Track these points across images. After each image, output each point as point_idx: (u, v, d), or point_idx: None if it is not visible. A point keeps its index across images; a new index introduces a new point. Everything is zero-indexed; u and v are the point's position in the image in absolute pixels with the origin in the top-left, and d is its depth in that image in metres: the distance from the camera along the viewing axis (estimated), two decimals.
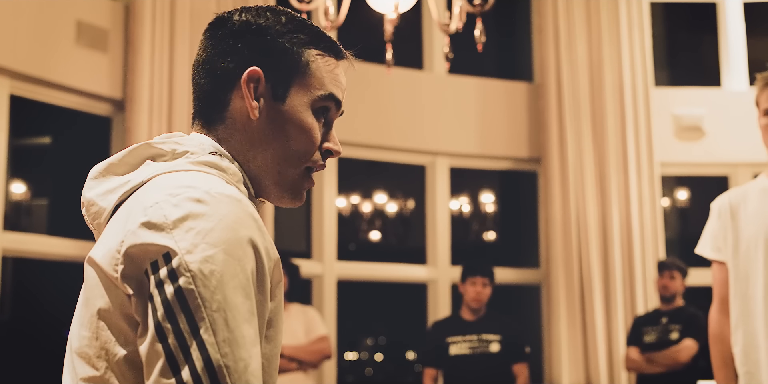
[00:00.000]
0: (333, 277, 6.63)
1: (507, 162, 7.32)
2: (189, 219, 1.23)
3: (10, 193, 5.62)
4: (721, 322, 3.22)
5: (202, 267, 1.21)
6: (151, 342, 1.21)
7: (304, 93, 1.43)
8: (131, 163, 1.40)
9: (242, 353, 1.20)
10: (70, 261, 5.49)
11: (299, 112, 1.43)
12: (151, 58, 5.64)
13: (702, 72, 7.86)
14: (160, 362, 1.19)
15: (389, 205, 7.62)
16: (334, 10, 4.19)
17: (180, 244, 1.22)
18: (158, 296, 1.21)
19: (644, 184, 6.99)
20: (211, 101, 1.45)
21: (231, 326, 1.20)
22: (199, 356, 1.18)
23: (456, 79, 7.13)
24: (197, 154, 1.39)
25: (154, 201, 1.27)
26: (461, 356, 5.57)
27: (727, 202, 3.24)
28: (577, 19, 7.14)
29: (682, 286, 5.87)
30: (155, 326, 1.21)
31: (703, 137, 7.30)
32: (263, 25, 1.44)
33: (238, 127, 1.43)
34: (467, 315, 5.69)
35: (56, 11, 5.41)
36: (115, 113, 5.82)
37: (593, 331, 6.72)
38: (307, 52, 1.44)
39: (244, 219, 1.26)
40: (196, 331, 1.19)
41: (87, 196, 1.42)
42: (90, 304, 1.32)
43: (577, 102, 7.05)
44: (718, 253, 3.23)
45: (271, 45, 1.43)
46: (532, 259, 7.25)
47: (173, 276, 1.21)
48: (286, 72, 1.43)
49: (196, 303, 1.19)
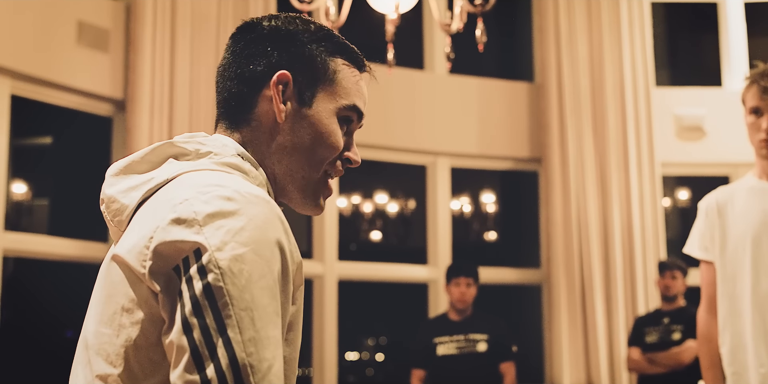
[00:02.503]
0: (334, 277, 6.63)
1: (508, 162, 7.32)
2: (219, 217, 1.24)
3: (11, 193, 5.62)
4: (709, 322, 3.21)
5: (231, 265, 1.21)
6: (178, 337, 1.21)
7: (330, 100, 1.46)
8: (153, 161, 1.41)
9: (267, 354, 1.20)
10: (71, 261, 5.49)
11: (325, 118, 1.45)
12: (152, 58, 5.64)
13: (703, 72, 7.86)
14: (185, 357, 1.20)
15: (390, 205, 7.62)
16: (335, 10, 4.19)
17: (210, 240, 1.23)
18: (187, 292, 1.22)
19: (645, 184, 6.98)
20: (237, 103, 1.46)
21: (257, 326, 1.20)
22: (224, 353, 1.18)
23: (457, 79, 7.13)
24: (221, 155, 1.40)
25: (184, 198, 1.28)
26: (449, 356, 5.59)
27: (714, 202, 3.24)
28: (578, 18, 7.14)
29: (684, 286, 5.87)
30: (182, 321, 1.21)
31: (704, 137, 7.30)
32: (293, 31, 1.47)
33: (264, 129, 1.44)
34: (453, 315, 5.72)
35: (57, 11, 5.41)
36: (116, 113, 5.82)
37: (594, 332, 6.72)
38: (334, 61, 1.47)
39: (273, 220, 1.28)
40: (222, 329, 1.19)
41: (107, 193, 1.42)
42: (112, 301, 1.32)
43: (578, 102, 7.05)
44: (706, 253, 3.22)
45: (301, 51, 1.46)
46: (533, 259, 7.25)
47: (203, 272, 1.22)
48: (314, 78, 1.45)
49: (224, 300, 1.20)
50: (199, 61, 5.74)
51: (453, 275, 5.71)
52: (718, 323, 3.14)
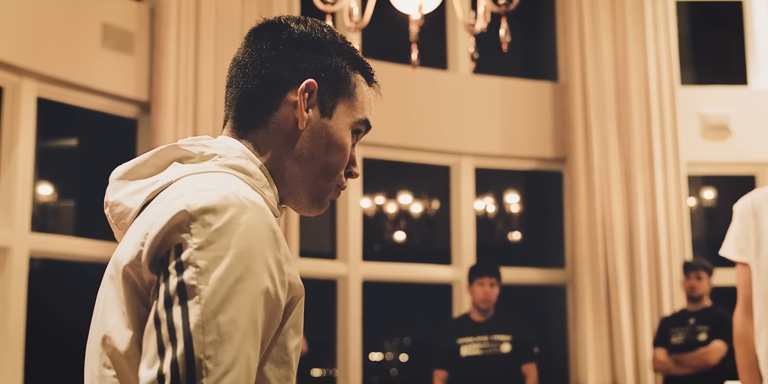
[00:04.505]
0: (358, 278, 6.63)
1: (532, 162, 7.30)
2: (210, 214, 1.24)
3: (37, 194, 5.66)
4: (745, 324, 3.20)
5: (209, 265, 1.21)
6: (148, 329, 1.22)
7: (348, 113, 1.47)
8: (157, 164, 1.41)
9: (226, 358, 1.19)
10: (97, 262, 5.52)
11: (342, 130, 1.46)
12: (177, 60, 5.66)
13: (728, 70, 7.80)
14: (152, 351, 1.20)
15: (414, 206, 7.61)
16: (358, 12, 4.19)
17: (194, 238, 1.23)
18: (162, 285, 1.22)
19: (670, 184, 6.95)
20: (255, 105, 1.46)
21: (222, 330, 1.19)
22: (183, 351, 1.18)
23: (481, 79, 7.12)
24: (225, 157, 1.40)
25: (179, 194, 1.28)
26: (472, 357, 5.58)
27: (749, 204, 3.23)
28: (602, 18, 7.11)
29: (709, 286, 5.84)
30: (154, 314, 1.22)
31: (730, 136, 7.26)
32: (322, 40, 1.48)
33: (282, 133, 1.44)
34: (477, 316, 5.70)
35: (82, 14, 5.44)
36: (140, 115, 5.85)
37: (619, 332, 6.69)
38: (354, 76, 1.49)
39: (263, 228, 1.27)
40: (187, 327, 1.19)
41: (112, 197, 1.43)
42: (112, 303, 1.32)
43: (602, 101, 7.02)
44: (742, 255, 3.21)
45: (329, 61, 1.46)
46: (558, 259, 7.23)
47: (180, 268, 1.22)
48: (336, 90, 1.46)
49: (194, 299, 1.20)
50: (224, 63, 5.75)
51: (476, 275, 5.70)
52: (755, 324, 3.13)
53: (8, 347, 5.02)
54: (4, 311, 5.05)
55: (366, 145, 6.57)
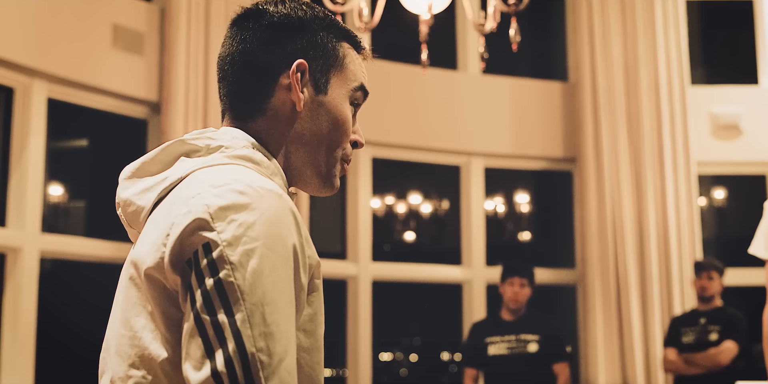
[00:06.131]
0: (368, 278, 6.63)
1: (542, 162, 7.29)
2: (231, 210, 1.24)
3: (48, 195, 5.67)
4: None
5: (242, 260, 1.21)
6: (191, 332, 1.22)
7: (342, 85, 1.47)
8: (165, 160, 1.41)
9: (277, 348, 1.20)
10: (107, 262, 5.53)
11: (339, 104, 1.46)
12: (187, 61, 5.67)
13: (739, 70, 7.78)
14: (198, 352, 1.20)
15: (424, 206, 7.60)
16: (368, 12, 4.19)
17: (222, 235, 1.23)
18: (198, 287, 1.22)
19: (681, 184, 6.93)
20: (249, 94, 1.45)
21: (268, 321, 1.20)
22: (234, 349, 1.18)
23: (490, 79, 7.11)
24: (232, 148, 1.39)
25: (196, 192, 1.28)
26: (499, 356, 5.57)
27: None
28: (612, 17, 7.10)
29: (720, 286, 5.82)
30: (194, 317, 1.21)
31: (741, 136, 7.24)
32: (304, 18, 1.46)
33: (282, 118, 1.44)
34: (506, 315, 5.70)
35: (92, 15, 5.45)
36: (151, 115, 5.86)
37: (630, 332, 6.67)
38: (341, 46, 1.48)
39: (285, 214, 1.27)
40: (233, 324, 1.19)
41: (122, 196, 1.43)
42: (130, 304, 1.33)
43: (612, 101, 7.00)
44: None
45: (314, 38, 1.46)
46: (568, 259, 7.22)
47: (213, 267, 1.22)
48: (327, 64, 1.46)
49: (235, 295, 1.20)
50: None
51: (507, 275, 5.69)
52: None
53: (19, 347, 5.04)
54: (16, 312, 5.06)
55: (376, 145, 6.57)
